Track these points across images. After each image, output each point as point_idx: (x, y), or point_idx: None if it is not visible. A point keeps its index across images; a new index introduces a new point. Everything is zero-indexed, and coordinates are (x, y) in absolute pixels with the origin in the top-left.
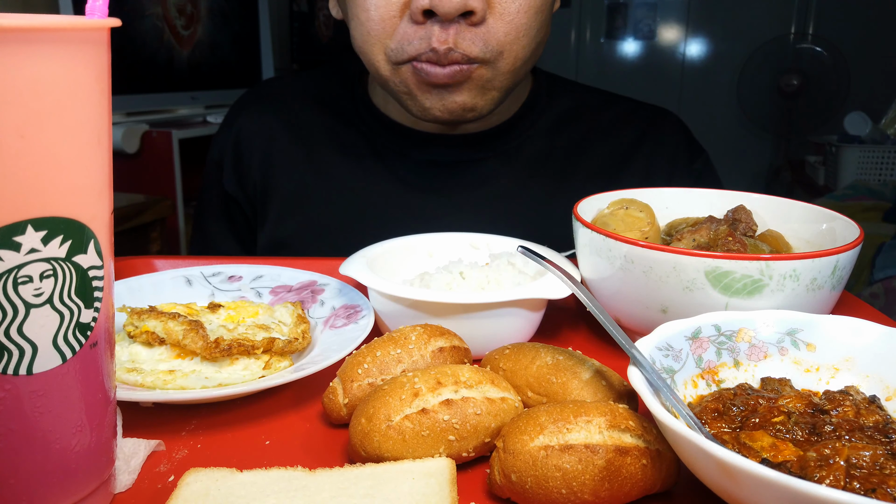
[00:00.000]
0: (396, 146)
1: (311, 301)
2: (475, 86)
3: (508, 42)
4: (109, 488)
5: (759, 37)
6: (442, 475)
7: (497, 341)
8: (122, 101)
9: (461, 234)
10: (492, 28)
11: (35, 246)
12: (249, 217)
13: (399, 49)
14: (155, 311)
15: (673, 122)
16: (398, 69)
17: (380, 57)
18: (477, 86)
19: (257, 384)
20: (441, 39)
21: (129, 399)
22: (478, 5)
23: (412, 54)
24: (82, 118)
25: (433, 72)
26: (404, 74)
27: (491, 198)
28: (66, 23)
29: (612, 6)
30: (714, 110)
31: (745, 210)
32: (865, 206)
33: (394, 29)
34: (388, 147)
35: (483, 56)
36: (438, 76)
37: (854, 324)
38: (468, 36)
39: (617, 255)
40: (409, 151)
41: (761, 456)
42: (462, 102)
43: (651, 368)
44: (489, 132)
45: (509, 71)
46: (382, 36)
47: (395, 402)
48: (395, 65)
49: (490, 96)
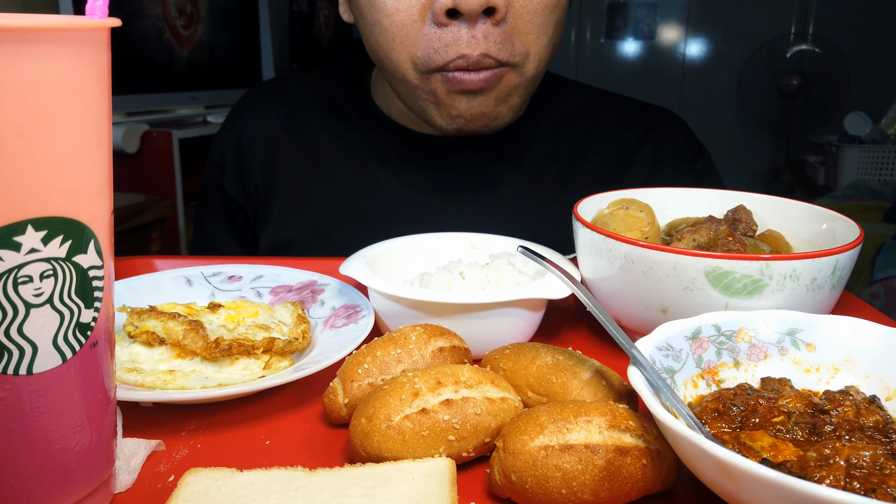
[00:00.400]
0: (399, 148)
1: (311, 301)
2: (502, 92)
3: (531, 42)
4: (109, 488)
5: (759, 37)
6: (442, 475)
7: (497, 341)
8: (122, 101)
9: (461, 234)
10: (515, 27)
11: (35, 246)
12: (251, 218)
13: (426, 58)
14: (155, 311)
15: (674, 123)
16: (428, 78)
17: (406, 65)
18: (504, 92)
19: (257, 384)
20: (472, 45)
21: (129, 399)
22: (500, 1)
23: (440, 64)
24: (82, 118)
25: (468, 79)
26: (434, 84)
27: (494, 200)
28: (66, 23)
29: (612, 6)
30: (714, 110)
31: (745, 210)
32: (865, 206)
33: (417, 34)
34: (391, 149)
35: (511, 60)
36: (474, 82)
37: (854, 324)
38: (495, 38)
39: (617, 255)
40: (412, 153)
41: (761, 456)
42: (488, 111)
43: (651, 368)
44: (493, 135)
45: (533, 75)
46: (407, 43)
47: (395, 402)
48: (423, 73)
49: (512, 103)
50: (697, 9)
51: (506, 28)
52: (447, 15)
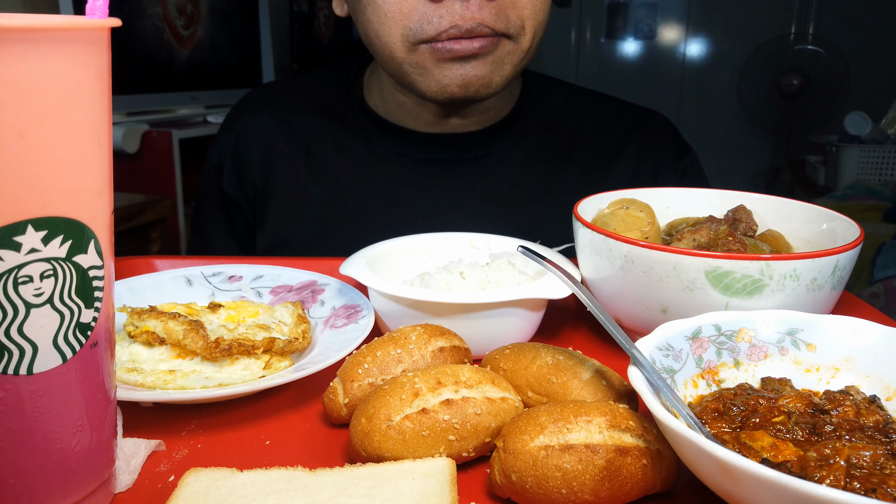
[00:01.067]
0: (393, 146)
1: (311, 301)
2: (496, 59)
3: (527, 16)
4: (110, 488)
5: (759, 37)
6: (442, 475)
7: (497, 341)
8: (122, 101)
9: (461, 234)
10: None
11: (35, 246)
12: (249, 219)
13: (419, 28)
14: (155, 311)
15: (660, 122)
16: (415, 49)
17: (396, 39)
18: (498, 59)
19: (257, 384)
20: (465, 17)
21: (130, 399)
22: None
23: (432, 34)
24: (82, 118)
25: (458, 47)
26: (422, 54)
27: (485, 195)
28: (66, 23)
29: (612, 6)
30: (714, 110)
31: (746, 210)
32: (866, 206)
33: (411, 9)
34: (384, 147)
35: (507, 30)
36: (466, 48)
37: (854, 324)
38: (490, 10)
39: (617, 255)
40: (406, 151)
41: (761, 456)
42: (481, 76)
43: (651, 368)
44: (483, 132)
45: (528, 48)
46: (400, 17)
47: (395, 402)
48: (412, 44)
49: (505, 71)
50: (697, 9)
51: (501, 2)
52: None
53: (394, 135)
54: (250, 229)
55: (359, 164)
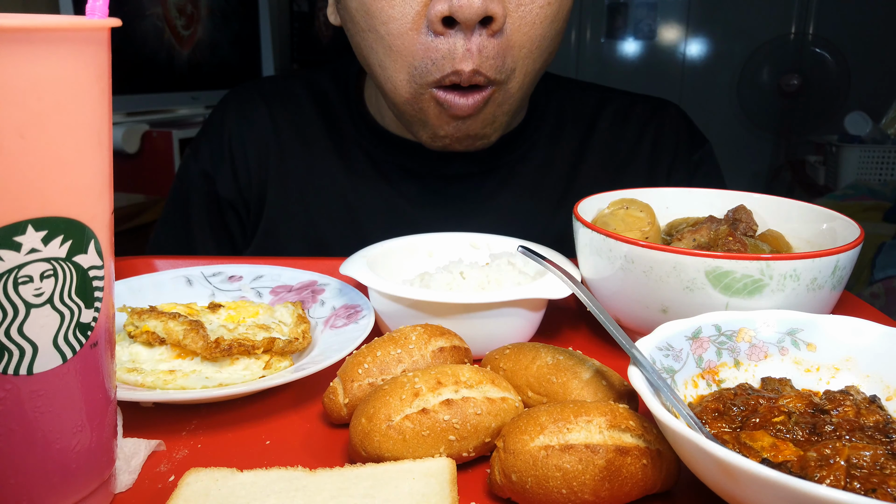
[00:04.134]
0: (392, 158)
1: (311, 301)
2: (488, 115)
3: (521, 57)
4: (110, 488)
5: (760, 37)
6: (442, 475)
7: (497, 341)
8: (122, 101)
9: (461, 234)
10: (510, 40)
11: (35, 246)
12: (244, 220)
13: (424, 69)
14: (155, 311)
15: (673, 114)
16: (420, 96)
17: (402, 76)
18: (490, 115)
19: (257, 384)
20: (466, 60)
21: (130, 399)
22: (498, 10)
23: (437, 77)
24: (82, 118)
25: (457, 104)
26: (425, 103)
27: (489, 213)
28: (66, 23)
29: (612, 6)
30: (714, 110)
31: (746, 210)
32: (866, 205)
33: (414, 43)
34: (384, 158)
35: (498, 77)
36: (462, 108)
37: (854, 324)
38: (489, 53)
39: (617, 254)
40: (405, 163)
41: (762, 456)
42: (475, 132)
43: (651, 368)
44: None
45: (517, 90)
46: (405, 52)
47: (395, 402)
48: (418, 86)
49: (499, 123)
50: (697, 9)
51: (501, 41)
52: (443, 23)
53: (394, 146)
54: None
55: (357, 172)
